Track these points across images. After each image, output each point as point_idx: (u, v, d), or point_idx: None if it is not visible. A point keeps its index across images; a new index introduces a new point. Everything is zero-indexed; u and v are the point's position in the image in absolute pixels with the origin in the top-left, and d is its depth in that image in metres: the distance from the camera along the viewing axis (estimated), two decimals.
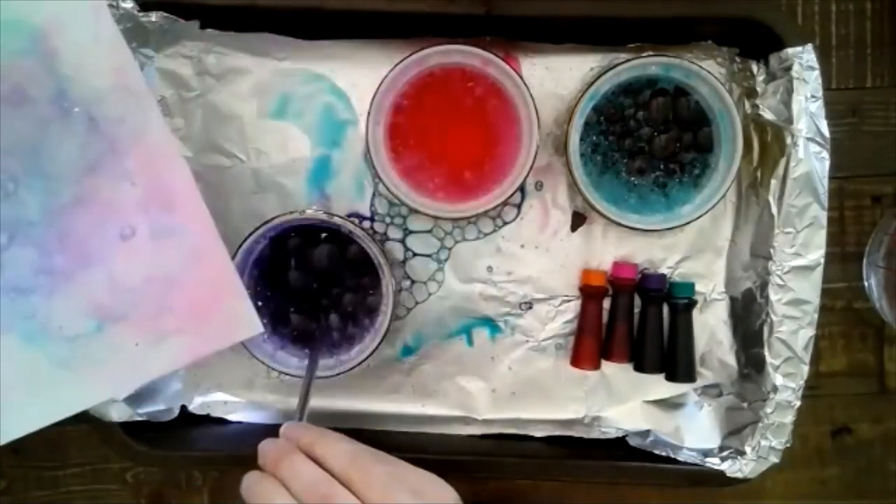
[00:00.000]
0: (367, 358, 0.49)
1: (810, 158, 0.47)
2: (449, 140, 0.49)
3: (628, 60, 0.48)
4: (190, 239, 0.45)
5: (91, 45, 0.44)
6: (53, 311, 0.44)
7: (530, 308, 0.53)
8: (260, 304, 0.49)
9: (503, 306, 0.53)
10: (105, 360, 0.45)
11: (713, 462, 0.50)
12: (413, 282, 0.53)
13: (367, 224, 0.53)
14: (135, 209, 0.45)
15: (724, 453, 0.51)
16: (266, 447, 0.41)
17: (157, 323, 0.45)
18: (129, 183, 0.44)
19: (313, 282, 0.50)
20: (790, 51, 0.47)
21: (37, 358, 0.44)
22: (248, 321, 0.46)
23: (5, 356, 0.44)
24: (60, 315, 0.44)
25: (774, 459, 0.49)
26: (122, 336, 0.45)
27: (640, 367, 0.52)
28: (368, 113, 0.48)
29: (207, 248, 0.45)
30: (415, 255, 0.53)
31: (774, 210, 0.48)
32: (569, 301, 0.53)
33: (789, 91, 0.47)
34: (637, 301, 0.53)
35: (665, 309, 0.53)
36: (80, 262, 0.44)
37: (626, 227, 0.50)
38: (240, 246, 0.48)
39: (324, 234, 0.49)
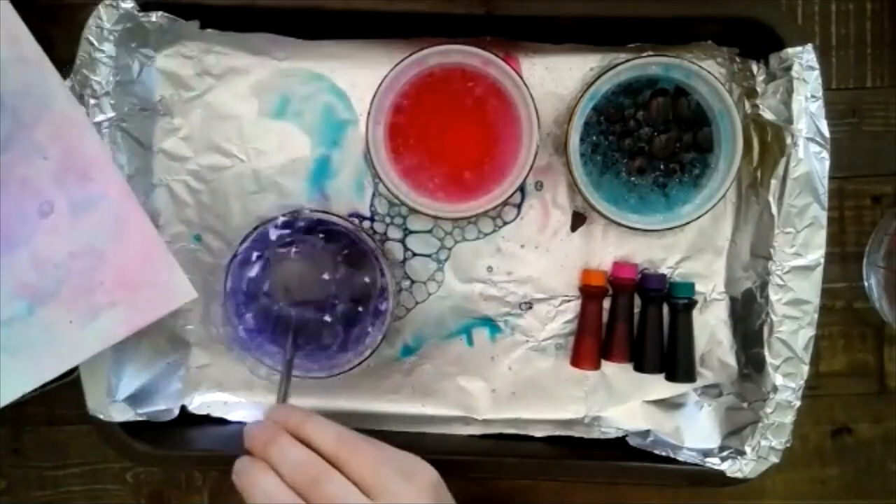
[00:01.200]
0: (367, 358, 0.49)
1: (810, 158, 0.47)
2: (449, 140, 0.49)
3: (628, 60, 0.48)
4: (111, 209, 0.44)
5: None
6: None
7: (530, 308, 0.53)
8: (263, 306, 0.49)
9: (503, 306, 0.53)
10: (41, 342, 0.44)
11: (713, 462, 0.50)
12: (413, 282, 0.53)
13: (367, 224, 0.53)
14: (50, 183, 0.44)
15: (724, 453, 0.51)
16: (253, 431, 0.41)
17: (89, 298, 0.44)
18: (41, 157, 0.44)
19: (313, 283, 0.50)
20: (790, 51, 0.47)
21: None
22: (180, 288, 0.45)
23: None
24: None
25: (774, 459, 0.49)
26: (54, 315, 0.44)
27: (640, 367, 0.52)
28: (368, 113, 0.48)
29: (129, 217, 0.45)
30: (415, 255, 0.53)
31: (774, 210, 0.48)
32: (569, 301, 0.53)
33: (789, 91, 0.47)
34: (637, 301, 0.53)
35: (665, 309, 0.53)
36: (4, 245, 0.44)
37: (626, 227, 0.50)
38: (238, 248, 0.48)
39: (323, 235, 0.49)
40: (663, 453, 0.51)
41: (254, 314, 0.49)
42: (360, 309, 0.50)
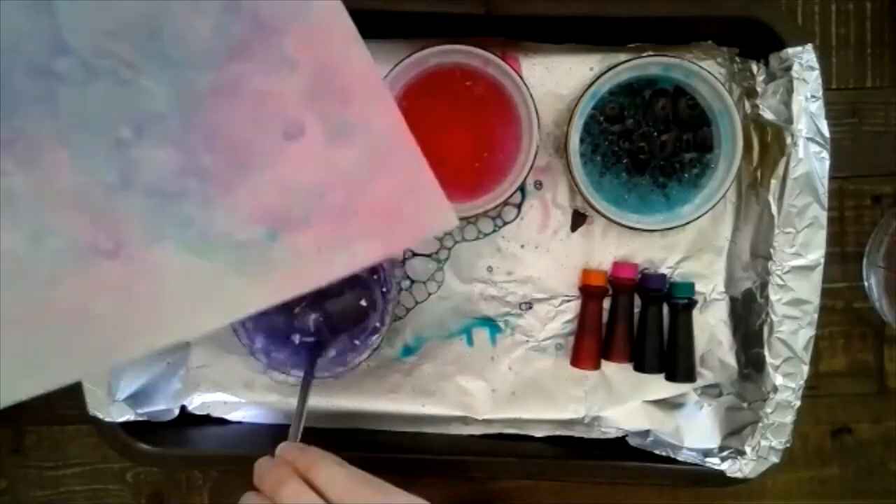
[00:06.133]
0: (367, 358, 0.49)
1: (810, 158, 0.47)
2: (449, 140, 0.49)
3: (628, 60, 0.48)
4: (374, 137, 0.38)
5: None
6: (214, 218, 0.38)
7: (530, 308, 0.53)
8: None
9: (503, 306, 0.53)
10: (284, 264, 0.39)
11: (713, 462, 0.50)
12: (413, 282, 0.53)
13: None
14: (299, 103, 0.38)
15: (724, 453, 0.51)
16: (263, 469, 0.40)
17: (341, 227, 0.39)
18: (286, 69, 0.37)
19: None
20: (790, 51, 0.47)
21: (203, 265, 0.38)
22: (440, 213, 0.39)
23: (164, 265, 0.38)
24: (224, 223, 0.38)
25: (774, 459, 0.49)
26: (301, 241, 0.39)
27: (640, 367, 0.52)
28: None
29: (395, 145, 0.38)
30: (415, 255, 0.53)
31: (774, 210, 0.48)
32: (569, 301, 0.53)
33: (789, 91, 0.47)
34: (637, 301, 0.53)
35: (665, 309, 0.53)
36: (237, 164, 0.38)
37: (626, 227, 0.50)
38: None
39: None
40: (663, 453, 0.52)
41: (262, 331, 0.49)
42: (361, 309, 0.50)
